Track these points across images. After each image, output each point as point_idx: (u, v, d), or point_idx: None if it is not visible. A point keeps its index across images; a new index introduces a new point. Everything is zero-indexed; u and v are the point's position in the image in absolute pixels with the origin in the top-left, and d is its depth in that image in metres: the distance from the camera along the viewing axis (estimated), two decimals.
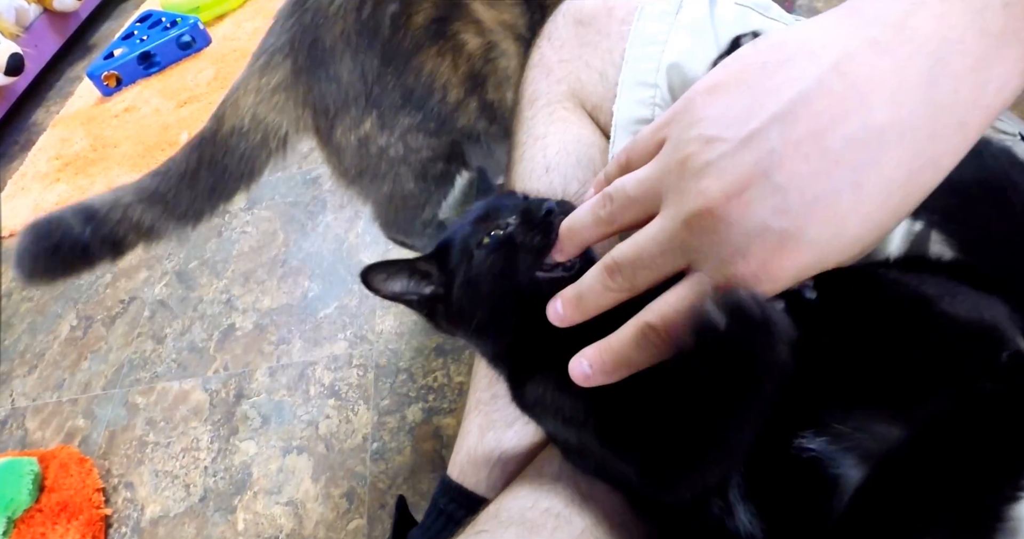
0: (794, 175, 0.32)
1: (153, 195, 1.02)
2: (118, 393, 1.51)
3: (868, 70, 0.32)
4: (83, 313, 1.76)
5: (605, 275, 0.41)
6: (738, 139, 0.34)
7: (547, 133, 0.73)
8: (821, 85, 0.33)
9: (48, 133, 2.59)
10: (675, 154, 0.37)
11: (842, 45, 0.33)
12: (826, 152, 0.32)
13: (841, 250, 0.34)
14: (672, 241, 0.37)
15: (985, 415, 0.35)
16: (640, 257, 0.39)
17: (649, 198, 0.39)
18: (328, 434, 1.23)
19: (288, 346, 1.43)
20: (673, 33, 0.66)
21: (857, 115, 0.32)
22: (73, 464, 1.36)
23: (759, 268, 0.34)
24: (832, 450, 0.39)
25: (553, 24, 0.76)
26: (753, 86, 0.35)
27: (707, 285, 0.36)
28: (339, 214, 1.67)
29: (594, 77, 0.71)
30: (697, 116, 0.37)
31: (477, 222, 0.54)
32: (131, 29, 2.76)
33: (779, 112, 0.33)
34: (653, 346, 0.39)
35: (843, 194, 0.32)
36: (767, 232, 0.33)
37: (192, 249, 1.79)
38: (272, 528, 1.15)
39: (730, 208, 0.33)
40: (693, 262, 0.37)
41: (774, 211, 0.33)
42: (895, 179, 0.32)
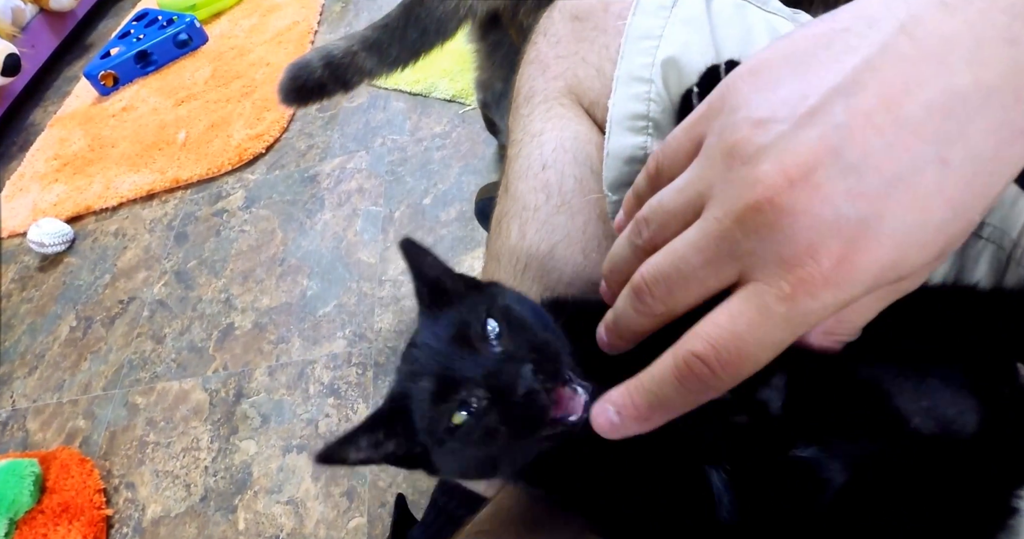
0: (868, 151, 0.28)
1: (374, 45, 1.25)
2: (118, 393, 1.51)
3: (941, 30, 0.28)
4: (82, 314, 1.76)
5: (634, 297, 0.35)
6: (796, 117, 0.29)
7: (544, 130, 0.72)
8: (887, 50, 0.28)
9: (46, 133, 2.59)
10: (720, 144, 0.31)
11: (906, 7, 0.29)
12: (903, 123, 0.27)
13: (924, 244, 0.28)
14: (720, 245, 0.31)
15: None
16: (678, 269, 0.32)
17: (693, 205, 0.33)
18: (328, 433, 1.23)
19: (287, 345, 1.42)
20: (669, 28, 0.65)
21: (937, 79, 0.27)
22: (74, 465, 1.36)
23: (833, 269, 0.28)
24: (822, 457, 0.39)
25: (549, 20, 0.76)
26: (806, 60, 0.30)
27: (768, 296, 0.29)
28: (337, 212, 1.67)
29: (591, 73, 0.70)
30: (742, 99, 0.32)
31: (434, 399, 0.43)
32: (127, 28, 2.75)
33: (841, 83, 0.29)
34: (701, 381, 0.32)
35: (927, 172, 0.27)
36: (842, 222, 0.28)
37: (190, 248, 1.78)
38: (273, 527, 1.15)
39: (796, 195, 0.28)
40: (746, 270, 0.30)
41: (848, 195, 0.28)
42: (983, 153, 0.27)
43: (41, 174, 2.34)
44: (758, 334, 0.30)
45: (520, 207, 0.71)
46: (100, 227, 2.02)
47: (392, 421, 0.45)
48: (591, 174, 0.69)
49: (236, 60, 2.43)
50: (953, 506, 0.38)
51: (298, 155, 1.90)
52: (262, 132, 2.00)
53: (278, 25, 2.53)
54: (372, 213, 1.62)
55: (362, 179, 1.72)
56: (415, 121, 1.81)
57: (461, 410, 0.40)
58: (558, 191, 0.69)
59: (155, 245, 1.85)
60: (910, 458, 0.39)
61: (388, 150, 1.77)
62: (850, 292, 0.29)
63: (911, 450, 0.39)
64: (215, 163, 1.98)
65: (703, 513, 0.41)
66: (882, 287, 0.30)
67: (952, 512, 0.38)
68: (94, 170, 2.22)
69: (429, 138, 1.74)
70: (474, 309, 0.44)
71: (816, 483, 0.39)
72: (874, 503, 0.38)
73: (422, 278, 0.48)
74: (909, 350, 0.39)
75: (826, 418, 0.38)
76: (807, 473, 0.39)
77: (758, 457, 0.40)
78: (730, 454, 0.40)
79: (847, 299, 0.29)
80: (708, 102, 0.34)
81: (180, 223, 1.89)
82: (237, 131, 2.06)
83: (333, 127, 1.94)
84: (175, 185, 2.01)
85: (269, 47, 2.41)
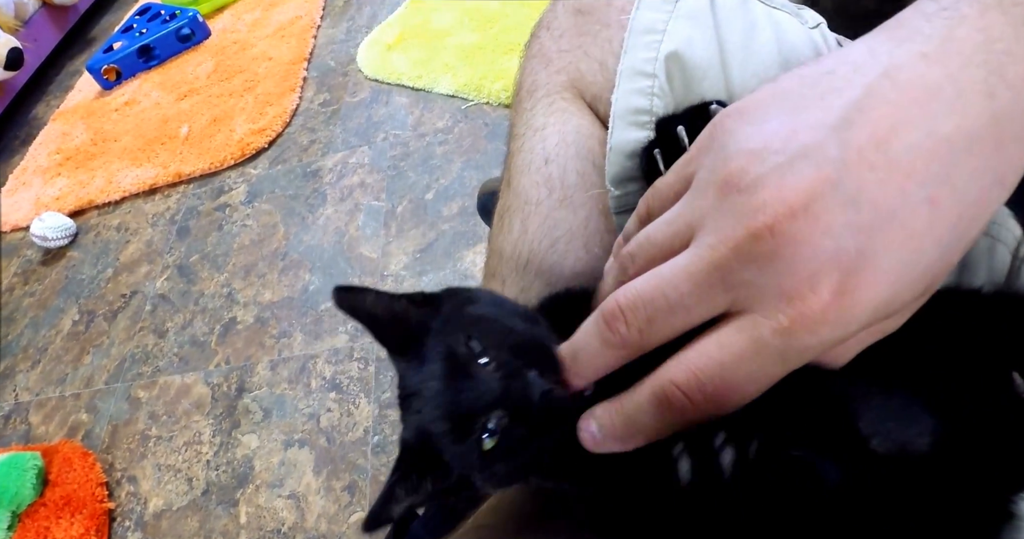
0: (864, 186, 0.28)
1: None
2: (120, 387, 1.51)
3: (922, 79, 0.28)
4: (85, 308, 1.76)
5: (603, 325, 0.33)
6: (791, 149, 0.29)
7: (546, 124, 0.72)
8: (872, 93, 0.29)
9: (48, 127, 2.59)
10: (712, 177, 0.31)
11: (887, 56, 0.30)
12: (894, 162, 0.28)
13: (914, 282, 0.29)
14: (713, 274, 0.29)
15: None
16: (665, 295, 0.31)
17: (682, 237, 0.32)
18: (329, 427, 1.23)
19: (289, 339, 1.43)
20: (673, 22, 0.65)
21: (920, 123, 0.28)
22: (76, 459, 1.36)
23: (831, 303, 0.28)
24: (817, 457, 0.40)
25: (552, 14, 0.75)
26: (793, 99, 0.31)
27: (765, 329, 0.29)
28: (339, 207, 1.67)
29: (594, 67, 0.70)
30: (732, 135, 0.31)
31: (456, 438, 0.42)
32: (130, 22, 2.75)
33: (832, 121, 0.29)
34: (679, 413, 0.31)
35: (919, 210, 0.28)
36: (841, 254, 0.27)
37: (193, 243, 1.79)
38: (274, 521, 1.16)
39: (797, 225, 0.28)
40: (740, 300, 0.29)
41: (848, 228, 0.27)
42: (967, 196, 0.28)
43: (44, 168, 2.34)
44: (749, 367, 0.30)
45: (522, 202, 0.71)
46: (102, 221, 2.02)
47: (420, 462, 0.44)
48: (593, 169, 0.69)
49: (238, 55, 2.43)
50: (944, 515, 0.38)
51: (300, 150, 1.90)
52: (264, 127, 2.00)
53: (280, 20, 2.52)
54: (374, 208, 1.62)
55: (364, 174, 1.72)
56: (417, 116, 1.81)
57: (487, 436, 0.40)
58: (560, 186, 0.69)
59: (157, 239, 1.86)
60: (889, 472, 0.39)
61: (390, 145, 1.77)
62: (848, 328, 0.29)
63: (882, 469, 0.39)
64: (217, 157, 1.98)
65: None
66: (873, 324, 0.30)
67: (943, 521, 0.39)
68: (96, 164, 2.22)
69: (431, 133, 1.74)
70: (448, 334, 0.43)
71: (813, 480, 0.39)
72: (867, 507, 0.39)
73: (375, 322, 0.47)
74: (887, 361, 0.39)
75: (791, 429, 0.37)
76: (805, 470, 0.40)
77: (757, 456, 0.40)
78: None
79: (844, 335, 0.29)
80: (697, 143, 0.33)
81: (182, 217, 1.89)
82: (239, 126, 2.06)
83: (335, 122, 1.94)
84: (177, 179, 2.01)
85: (271, 42, 2.41)
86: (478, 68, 1.81)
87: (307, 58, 2.25)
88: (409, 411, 0.45)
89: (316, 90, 2.11)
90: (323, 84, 2.12)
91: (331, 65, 2.19)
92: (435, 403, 0.42)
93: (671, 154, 0.42)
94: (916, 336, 0.39)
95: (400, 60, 1.99)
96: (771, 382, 0.30)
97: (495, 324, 0.43)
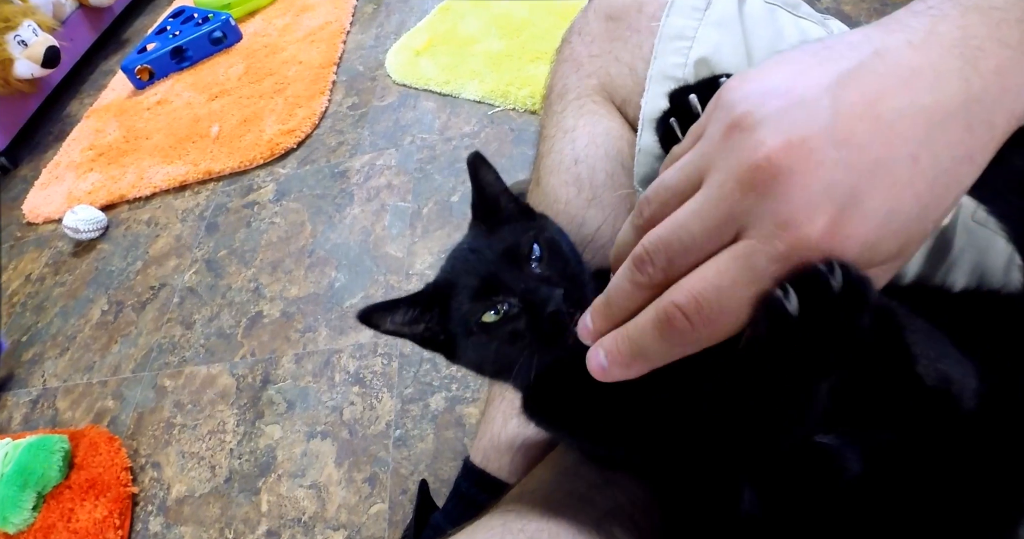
0: (855, 133, 0.30)
1: None
2: (147, 376, 1.55)
3: (907, 60, 0.32)
4: (114, 298, 1.80)
5: (633, 269, 0.35)
6: (791, 99, 0.32)
7: (576, 126, 0.74)
8: (864, 66, 0.32)
9: (82, 124, 2.65)
10: (718, 125, 0.34)
11: (879, 41, 0.33)
12: (880, 119, 0.31)
13: (894, 233, 0.31)
14: (719, 209, 0.32)
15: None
16: (679, 237, 0.33)
17: (692, 181, 0.34)
18: (352, 420, 1.26)
19: (314, 334, 1.45)
20: (702, 29, 0.67)
21: (904, 93, 0.31)
22: (102, 443, 1.39)
23: (826, 232, 0.30)
24: (841, 445, 0.41)
25: (583, 20, 0.78)
26: (795, 64, 0.34)
27: (760, 254, 0.31)
28: (366, 207, 1.70)
29: (624, 71, 0.72)
30: (739, 91, 0.34)
31: (475, 295, 0.49)
32: (164, 24, 2.82)
33: (827, 83, 0.32)
34: (680, 335, 0.33)
35: (901, 163, 0.30)
36: (836, 187, 0.30)
37: (221, 238, 1.82)
38: (295, 510, 1.18)
39: (793, 157, 0.30)
40: (742, 231, 0.32)
41: (839, 165, 0.30)
42: (943, 162, 0.31)
43: (77, 163, 2.40)
44: (745, 292, 0.31)
45: (551, 200, 0.73)
46: (133, 215, 2.07)
47: (430, 304, 0.53)
48: (622, 169, 0.71)
49: (269, 58, 2.48)
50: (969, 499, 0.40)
51: (328, 151, 1.94)
52: (293, 128, 2.04)
53: (310, 25, 2.57)
54: (400, 209, 1.65)
55: (391, 175, 1.76)
56: (444, 120, 1.84)
57: (494, 310, 0.48)
58: (589, 185, 0.71)
59: (186, 234, 1.90)
60: (925, 448, 0.40)
61: (417, 148, 1.80)
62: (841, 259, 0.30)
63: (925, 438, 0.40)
64: (247, 157, 2.02)
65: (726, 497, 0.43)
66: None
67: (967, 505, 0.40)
68: (128, 160, 2.27)
69: (458, 137, 1.77)
70: (524, 232, 0.51)
71: (834, 471, 0.41)
72: (889, 496, 0.40)
73: (482, 193, 0.57)
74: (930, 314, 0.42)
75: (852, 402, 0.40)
76: (826, 460, 0.41)
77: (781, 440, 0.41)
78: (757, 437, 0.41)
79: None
80: (707, 108, 0.36)
81: (211, 213, 1.93)
82: (269, 126, 2.10)
83: (363, 125, 1.97)
84: (207, 177, 2.05)
85: (301, 46, 2.46)
86: (505, 75, 1.84)
87: (336, 62, 2.30)
88: (455, 258, 0.55)
89: (345, 93, 2.15)
90: (352, 88, 2.16)
91: (360, 70, 2.23)
92: (480, 263, 0.50)
93: (686, 123, 0.46)
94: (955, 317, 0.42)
95: (428, 66, 2.02)
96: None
97: (560, 252, 0.51)
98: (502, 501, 0.63)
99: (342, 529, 1.12)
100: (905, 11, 0.35)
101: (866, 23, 0.36)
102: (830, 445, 0.41)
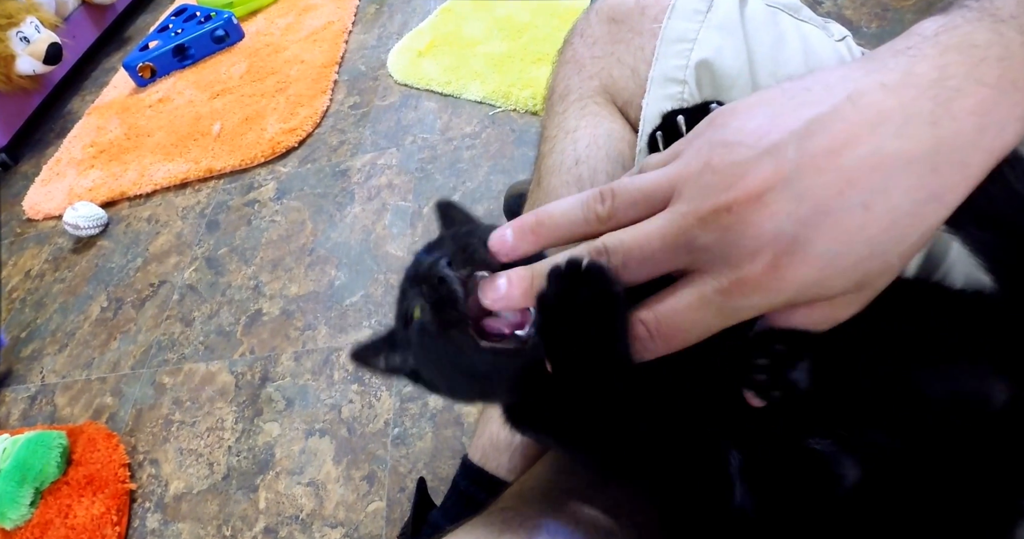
0: (811, 186, 0.33)
1: None
2: (146, 373, 1.55)
3: (878, 105, 0.34)
4: (114, 295, 1.80)
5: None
6: (760, 147, 0.35)
7: (578, 127, 0.74)
8: (836, 111, 0.34)
9: (84, 121, 2.65)
10: (698, 156, 0.37)
11: (854, 83, 0.35)
12: (840, 170, 0.33)
13: (843, 271, 0.34)
14: (679, 236, 0.36)
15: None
16: (640, 247, 0.37)
17: (660, 196, 0.38)
18: (351, 418, 1.26)
19: (313, 332, 1.46)
20: (703, 32, 0.67)
21: (869, 141, 0.33)
22: (100, 439, 1.39)
23: (765, 273, 0.34)
24: (836, 451, 0.42)
25: (585, 21, 0.78)
26: (774, 106, 0.37)
27: (709, 288, 0.35)
28: (367, 206, 1.71)
29: (626, 73, 0.72)
30: (720, 126, 0.37)
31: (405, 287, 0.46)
32: (166, 22, 2.82)
33: (798, 129, 0.34)
34: (640, 343, 0.37)
35: (853, 212, 0.33)
36: (780, 237, 0.33)
37: (222, 236, 1.83)
38: (293, 508, 1.18)
39: (750, 208, 0.34)
40: (696, 262, 0.36)
41: (789, 217, 0.33)
42: (901, 207, 0.33)
43: (78, 160, 2.40)
44: (694, 316, 0.36)
45: (552, 200, 0.73)
46: (133, 213, 2.07)
47: (396, 339, 0.50)
48: (623, 171, 0.71)
49: (271, 57, 2.48)
50: (966, 505, 0.40)
51: (330, 150, 1.94)
52: (295, 127, 2.05)
53: (313, 24, 2.58)
54: (401, 208, 1.65)
55: (392, 175, 1.76)
56: (446, 121, 1.85)
57: (415, 304, 0.43)
58: (590, 186, 0.71)
59: (187, 232, 1.90)
60: (925, 454, 0.40)
61: (418, 148, 1.80)
62: (776, 297, 0.34)
63: (926, 445, 0.40)
64: (248, 155, 2.03)
65: (719, 496, 0.43)
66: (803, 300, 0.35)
67: (966, 510, 0.40)
68: (129, 158, 2.28)
69: (459, 138, 1.77)
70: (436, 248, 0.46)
71: (829, 477, 0.41)
72: (884, 503, 0.40)
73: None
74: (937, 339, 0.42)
75: (849, 402, 0.40)
76: (820, 466, 0.41)
77: (775, 443, 0.42)
78: (748, 437, 0.42)
79: (772, 303, 0.35)
80: (694, 130, 0.39)
81: (212, 211, 1.93)
82: (271, 125, 2.10)
83: (365, 124, 1.98)
84: (208, 175, 2.06)
85: (304, 45, 2.46)
86: (507, 76, 1.85)
87: (338, 62, 2.30)
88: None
89: (347, 93, 2.15)
90: (354, 87, 2.16)
91: (362, 69, 2.24)
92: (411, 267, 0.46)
93: (670, 139, 0.49)
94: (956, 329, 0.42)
95: (430, 66, 2.03)
96: (711, 331, 0.37)
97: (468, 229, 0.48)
98: (500, 499, 0.63)
99: (340, 527, 1.13)
100: (887, 49, 0.37)
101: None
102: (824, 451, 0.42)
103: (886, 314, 0.38)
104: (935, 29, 0.36)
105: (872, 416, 0.41)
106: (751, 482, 0.43)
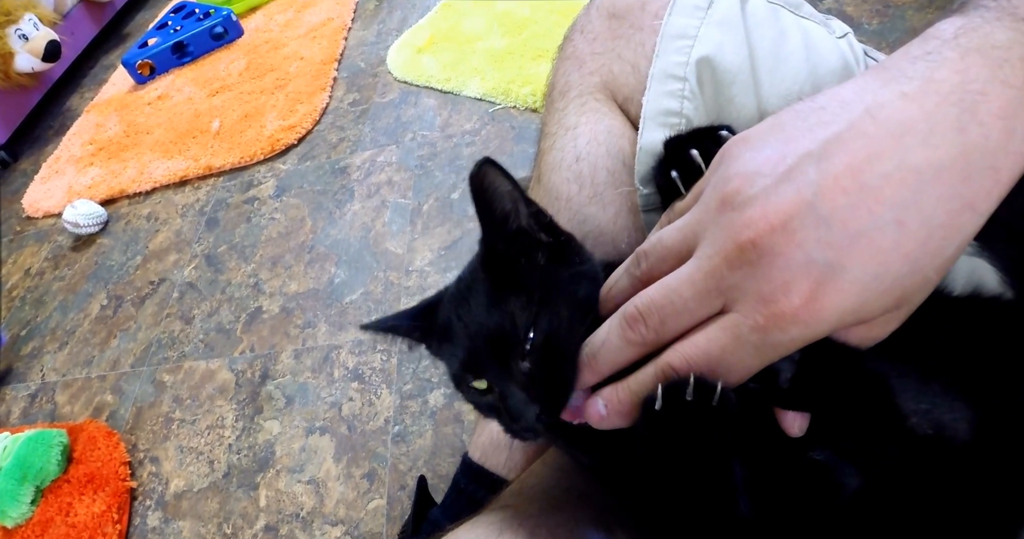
0: (836, 207, 0.32)
1: None
2: (146, 371, 1.55)
3: (900, 116, 0.32)
4: (113, 293, 1.80)
5: (625, 326, 0.38)
6: (777, 174, 0.33)
7: (578, 123, 0.74)
8: (853, 127, 0.33)
9: (82, 118, 2.65)
10: (714, 194, 0.36)
11: (872, 95, 0.34)
12: (864, 187, 0.31)
13: (883, 293, 0.32)
14: (709, 280, 0.35)
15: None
16: (672, 302, 0.36)
17: (688, 243, 0.37)
18: (351, 416, 1.26)
19: (313, 330, 1.45)
20: (704, 28, 0.67)
21: (893, 154, 0.32)
22: (101, 437, 1.39)
23: (802, 306, 0.32)
24: (837, 460, 0.41)
25: (586, 17, 0.78)
26: (787, 130, 0.35)
27: (744, 326, 0.34)
28: (366, 203, 1.70)
29: (626, 69, 0.72)
30: (734, 160, 0.36)
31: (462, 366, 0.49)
32: (165, 19, 2.81)
33: (814, 150, 0.33)
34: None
35: (886, 231, 0.31)
36: (812, 265, 0.32)
37: (221, 234, 1.82)
38: (293, 505, 1.18)
39: (775, 239, 0.32)
40: (728, 302, 0.34)
41: (819, 243, 0.32)
42: (935, 219, 0.31)
43: (77, 158, 2.40)
44: (730, 359, 0.35)
45: (553, 197, 0.73)
46: (133, 210, 2.07)
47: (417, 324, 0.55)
48: (623, 167, 0.71)
49: (270, 54, 2.48)
50: (965, 511, 0.40)
51: (329, 147, 1.94)
52: (294, 124, 2.04)
53: (312, 21, 2.57)
54: (400, 205, 1.65)
55: (392, 172, 1.76)
56: (445, 118, 1.85)
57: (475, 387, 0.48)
58: (591, 182, 0.71)
59: (186, 229, 1.90)
60: (921, 462, 0.40)
61: (418, 145, 1.80)
62: (816, 329, 0.33)
63: (919, 453, 0.40)
64: (247, 152, 2.02)
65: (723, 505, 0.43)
66: (843, 327, 0.33)
67: (964, 517, 0.40)
68: (129, 155, 2.27)
69: (459, 135, 1.77)
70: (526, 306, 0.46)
71: (830, 486, 0.41)
72: (886, 509, 0.40)
73: (492, 227, 0.51)
74: (922, 352, 0.41)
75: (830, 407, 0.40)
76: (822, 475, 0.41)
77: (776, 455, 0.42)
78: (751, 450, 0.42)
79: (812, 335, 0.33)
80: (710, 167, 0.38)
81: (212, 209, 1.93)
82: (270, 122, 2.10)
83: (364, 121, 1.97)
84: (208, 172, 2.05)
85: (303, 42, 2.46)
86: (506, 72, 1.84)
87: (338, 59, 2.30)
88: (451, 302, 0.53)
89: (346, 90, 2.15)
90: (353, 84, 2.16)
91: (361, 66, 2.23)
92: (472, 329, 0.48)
93: (687, 175, 0.47)
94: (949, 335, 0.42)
95: (430, 63, 2.02)
96: (750, 372, 0.35)
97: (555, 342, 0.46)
98: (500, 497, 0.64)
99: (340, 524, 1.13)
100: (903, 56, 0.35)
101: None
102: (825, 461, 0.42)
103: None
104: (954, 31, 0.34)
105: (864, 424, 0.41)
106: (755, 493, 0.42)
